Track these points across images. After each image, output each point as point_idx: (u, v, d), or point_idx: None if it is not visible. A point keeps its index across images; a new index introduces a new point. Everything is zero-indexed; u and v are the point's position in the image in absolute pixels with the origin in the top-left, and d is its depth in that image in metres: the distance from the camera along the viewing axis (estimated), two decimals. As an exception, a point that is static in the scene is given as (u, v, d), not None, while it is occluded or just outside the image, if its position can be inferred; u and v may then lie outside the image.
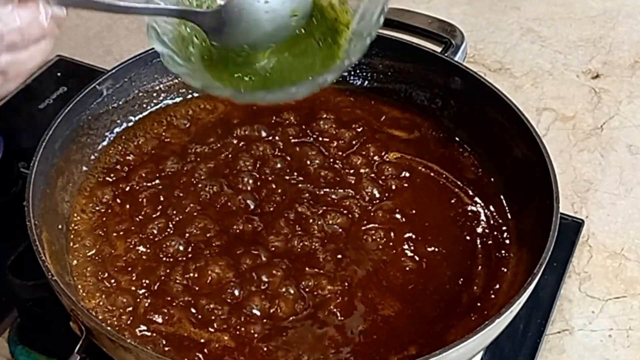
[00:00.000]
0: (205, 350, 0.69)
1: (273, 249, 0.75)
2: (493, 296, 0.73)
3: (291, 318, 0.70)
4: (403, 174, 0.83)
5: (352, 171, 0.83)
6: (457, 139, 0.87)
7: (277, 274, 0.73)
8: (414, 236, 0.77)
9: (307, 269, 0.74)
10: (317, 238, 0.76)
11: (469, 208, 0.81)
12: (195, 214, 0.78)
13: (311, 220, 0.78)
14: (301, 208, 0.79)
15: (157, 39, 0.62)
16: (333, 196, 0.80)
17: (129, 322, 0.70)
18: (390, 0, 0.64)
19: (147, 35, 0.62)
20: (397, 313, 0.72)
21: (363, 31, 0.64)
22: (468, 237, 0.78)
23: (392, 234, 0.77)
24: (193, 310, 0.71)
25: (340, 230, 0.77)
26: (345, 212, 0.79)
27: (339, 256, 0.75)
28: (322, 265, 0.74)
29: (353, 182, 0.82)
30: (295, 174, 0.83)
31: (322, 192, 0.81)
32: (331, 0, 0.67)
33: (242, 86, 0.65)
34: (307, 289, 0.72)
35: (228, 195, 0.80)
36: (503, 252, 0.77)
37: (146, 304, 0.71)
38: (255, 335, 0.69)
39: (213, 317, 0.70)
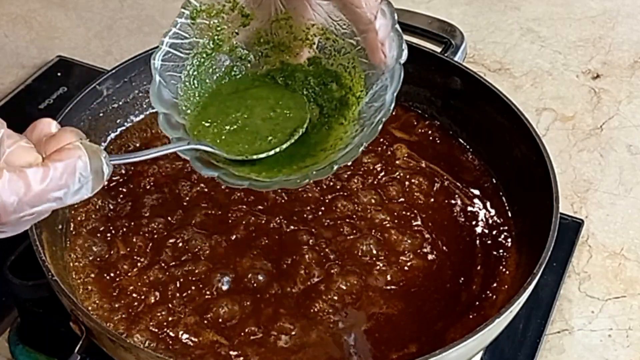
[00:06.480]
0: (205, 351, 0.69)
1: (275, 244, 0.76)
2: (493, 296, 0.73)
3: (293, 317, 0.70)
4: (403, 174, 0.83)
5: (350, 171, 0.83)
6: (457, 139, 0.87)
7: (281, 271, 0.73)
8: (414, 236, 0.77)
9: (307, 270, 0.74)
10: (319, 238, 0.76)
11: (469, 208, 0.81)
12: (197, 211, 0.78)
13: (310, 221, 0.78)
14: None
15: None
16: (331, 197, 0.81)
17: (129, 322, 0.70)
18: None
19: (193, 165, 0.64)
20: (398, 311, 0.72)
21: (364, 124, 0.64)
22: (468, 237, 0.78)
23: (392, 234, 0.77)
24: (193, 311, 0.71)
25: (340, 229, 0.77)
26: (344, 213, 0.79)
27: (339, 256, 0.75)
28: (322, 265, 0.74)
29: (351, 182, 0.82)
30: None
31: (320, 194, 0.81)
32: (351, 68, 0.68)
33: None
34: (308, 288, 0.72)
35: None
36: (503, 252, 0.77)
37: (146, 304, 0.71)
38: (257, 335, 0.69)
39: (213, 319, 0.70)
